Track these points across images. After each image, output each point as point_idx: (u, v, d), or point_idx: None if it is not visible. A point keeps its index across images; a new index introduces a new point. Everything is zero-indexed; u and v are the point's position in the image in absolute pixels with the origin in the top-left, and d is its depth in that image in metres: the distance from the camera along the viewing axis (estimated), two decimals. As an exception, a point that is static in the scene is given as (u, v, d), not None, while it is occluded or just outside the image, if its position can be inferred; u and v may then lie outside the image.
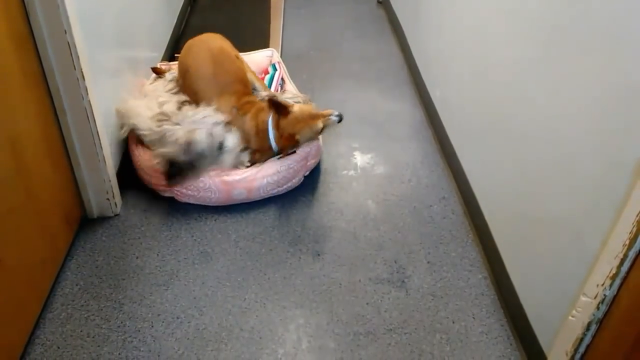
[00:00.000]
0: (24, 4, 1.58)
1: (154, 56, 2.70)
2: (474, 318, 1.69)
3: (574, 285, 1.32)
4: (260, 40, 3.20)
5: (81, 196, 1.96)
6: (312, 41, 3.36)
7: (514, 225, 1.70)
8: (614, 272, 1.18)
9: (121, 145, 2.16)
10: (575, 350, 1.32)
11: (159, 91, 2.30)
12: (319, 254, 1.91)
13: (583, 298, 1.27)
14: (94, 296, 1.74)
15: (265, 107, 2.13)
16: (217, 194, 2.03)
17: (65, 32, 1.63)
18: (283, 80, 2.58)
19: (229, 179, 2.01)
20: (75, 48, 1.67)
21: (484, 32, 1.96)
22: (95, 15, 1.90)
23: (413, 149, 2.44)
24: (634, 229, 1.11)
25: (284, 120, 2.03)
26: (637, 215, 1.10)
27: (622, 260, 1.15)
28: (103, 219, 2.02)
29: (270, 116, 2.08)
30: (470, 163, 2.11)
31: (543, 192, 1.51)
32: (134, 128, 2.09)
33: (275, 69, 2.63)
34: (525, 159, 1.61)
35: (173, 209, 2.07)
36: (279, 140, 2.06)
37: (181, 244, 1.93)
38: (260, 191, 2.07)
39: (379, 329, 1.66)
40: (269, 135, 2.08)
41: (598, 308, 1.24)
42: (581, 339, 1.30)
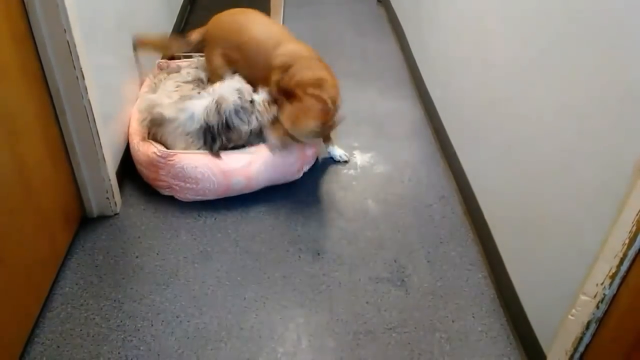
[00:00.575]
0: (23, 3, 1.58)
1: (153, 55, 2.70)
2: (473, 317, 1.69)
3: (573, 285, 1.32)
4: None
5: (81, 195, 1.96)
6: (312, 40, 3.33)
7: (514, 224, 1.70)
8: (613, 271, 1.18)
9: (121, 145, 2.16)
10: (575, 349, 1.32)
11: (169, 85, 2.32)
12: (318, 253, 1.91)
13: (583, 297, 1.27)
14: (93, 295, 1.74)
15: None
16: (216, 185, 2.02)
17: (65, 31, 1.63)
18: (283, 79, 2.58)
19: (227, 168, 2.00)
20: (75, 47, 1.67)
21: (485, 31, 1.96)
22: (95, 15, 1.90)
23: (413, 148, 2.44)
24: (634, 228, 1.11)
25: (285, 109, 1.94)
26: (637, 214, 1.10)
27: (622, 260, 1.15)
28: (103, 218, 2.02)
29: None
30: (470, 162, 2.11)
31: (543, 191, 1.51)
32: (156, 117, 2.09)
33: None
34: (525, 158, 1.61)
35: (173, 208, 2.07)
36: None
37: (181, 243, 1.93)
38: (259, 179, 2.06)
39: (378, 328, 1.66)
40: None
41: (598, 307, 1.24)
42: (581, 338, 1.30)
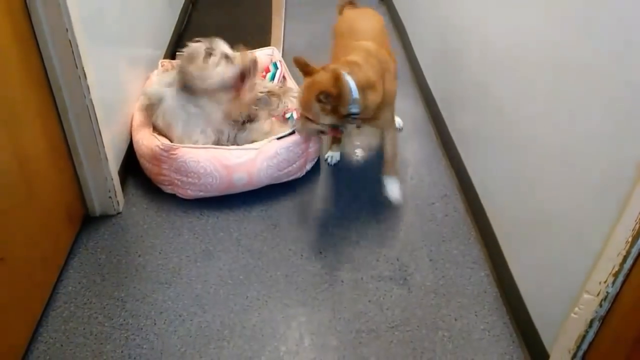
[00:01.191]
0: (25, 3, 1.58)
1: (156, 54, 2.70)
2: (476, 315, 1.69)
3: (576, 283, 1.32)
4: (261, 38, 3.19)
5: (83, 194, 1.96)
6: (314, 39, 3.35)
7: (516, 222, 1.70)
8: (616, 270, 1.18)
9: (123, 144, 2.16)
10: (578, 347, 1.32)
11: (166, 76, 2.30)
12: (320, 252, 1.91)
13: (585, 295, 1.27)
14: (96, 294, 1.74)
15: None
16: (218, 180, 2.01)
17: (67, 31, 1.63)
18: (284, 79, 2.58)
19: (229, 163, 2.00)
20: (77, 46, 1.67)
21: (487, 29, 1.95)
22: (96, 14, 1.90)
23: (415, 147, 2.44)
24: (637, 225, 1.10)
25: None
26: (640, 212, 1.09)
27: (625, 258, 1.15)
28: (105, 217, 2.02)
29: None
30: (473, 161, 2.10)
31: (545, 190, 1.51)
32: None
33: (276, 67, 2.62)
34: (528, 156, 1.61)
35: (175, 207, 2.08)
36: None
37: (183, 242, 1.94)
38: (261, 175, 2.05)
39: (381, 326, 1.66)
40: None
41: (600, 305, 1.24)
42: (583, 336, 1.30)
